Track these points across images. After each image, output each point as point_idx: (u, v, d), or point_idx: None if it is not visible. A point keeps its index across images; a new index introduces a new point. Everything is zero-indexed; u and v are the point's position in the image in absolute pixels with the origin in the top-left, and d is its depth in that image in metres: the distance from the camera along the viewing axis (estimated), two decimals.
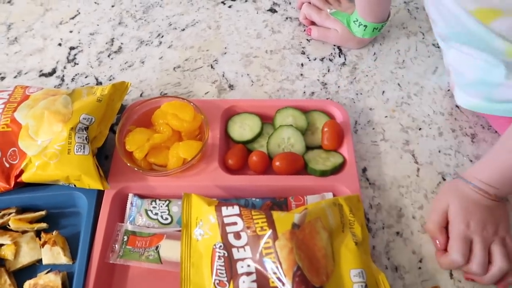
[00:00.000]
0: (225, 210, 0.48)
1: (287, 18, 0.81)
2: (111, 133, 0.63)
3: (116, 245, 0.52)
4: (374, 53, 0.76)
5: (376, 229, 0.56)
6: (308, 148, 0.61)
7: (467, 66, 0.59)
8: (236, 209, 0.48)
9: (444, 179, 0.60)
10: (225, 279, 0.44)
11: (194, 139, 0.60)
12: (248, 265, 0.45)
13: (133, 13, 0.83)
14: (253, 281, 0.44)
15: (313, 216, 0.47)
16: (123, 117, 0.60)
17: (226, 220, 0.47)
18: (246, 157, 0.60)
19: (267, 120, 0.64)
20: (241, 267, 0.45)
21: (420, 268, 0.53)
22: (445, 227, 0.53)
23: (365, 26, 0.71)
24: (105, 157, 0.62)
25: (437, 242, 0.53)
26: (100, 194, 0.55)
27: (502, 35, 0.50)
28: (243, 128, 0.62)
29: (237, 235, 0.46)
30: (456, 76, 0.62)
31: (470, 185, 0.52)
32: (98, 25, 0.81)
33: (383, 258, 0.54)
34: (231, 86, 0.71)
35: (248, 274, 0.44)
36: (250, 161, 0.58)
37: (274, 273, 0.43)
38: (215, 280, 0.44)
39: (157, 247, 0.52)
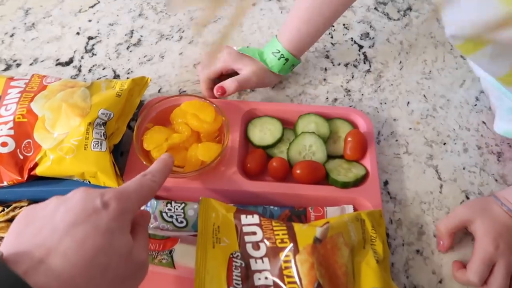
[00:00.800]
0: (244, 219, 0.46)
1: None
2: (128, 129, 0.61)
3: None
4: (400, 62, 0.73)
5: (396, 245, 0.54)
6: (329, 157, 0.59)
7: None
8: (256, 219, 0.46)
9: (467, 198, 0.58)
10: None
11: (213, 140, 0.58)
12: (266, 278, 0.43)
13: (154, 5, 0.81)
14: None
15: (335, 231, 0.46)
16: (141, 114, 0.58)
17: (245, 229, 0.46)
18: (266, 162, 0.58)
19: (287, 125, 0.62)
20: (258, 279, 0.43)
21: None
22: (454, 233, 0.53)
23: (287, 59, 0.63)
24: (120, 154, 0.60)
25: (441, 243, 0.53)
26: None
27: None
28: (264, 132, 0.60)
29: (256, 246, 0.45)
30: (495, 101, 0.61)
31: (504, 208, 0.50)
32: (117, 15, 0.79)
33: (401, 276, 0.52)
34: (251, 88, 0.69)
35: (267, 287, 0.43)
36: (269, 167, 0.57)
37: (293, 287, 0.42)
38: None
39: (170, 251, 0.50)
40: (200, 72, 0.67)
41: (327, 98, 0.68)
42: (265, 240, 0.45)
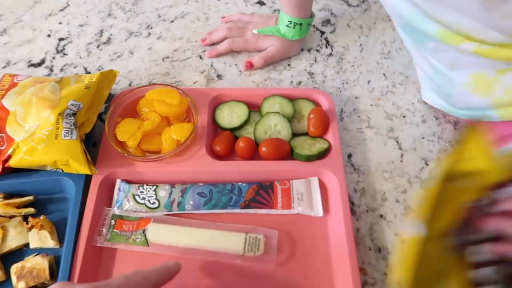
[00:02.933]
0: None
1: (275, 11, 0.82)
2: (99, 122, 0.64)
3: (104, 229, 0.53)
4: (361, 44, 0.77)
5: (361, 212, 0.57)
6: (295, 135, 0.62)
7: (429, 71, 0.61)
8: None
9: (427, 164, 0.61)
10: None
11: (183, 122, 0.61)
12: None
13: (122, 5, 0.84)
14: None
15: None
16: (111, 106, 0.60)
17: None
18: (233, 143, 0.60)
19: (254, 108, 0.65)
20: None
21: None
22: None
23: (300, 24, 0.70)
24: (93, 145, 0.62)
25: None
26: (87, 179, 0.56)
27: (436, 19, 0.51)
28: (231, 116, 0.63)
29: None
30: (422, 76, 0.65)
31: None
32: (87, 16, 0.82)
33: (367, 240, 0.55)
34: (219, 76, 0.72)
35: None
36: (237, 147, 0.59)
37: None
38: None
39: (144, 230, 0.52)
40: (228, 41, 0.74)
41: (291, 82, 0.71)
42: None
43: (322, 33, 0.79)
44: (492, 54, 0.49)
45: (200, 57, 0.74)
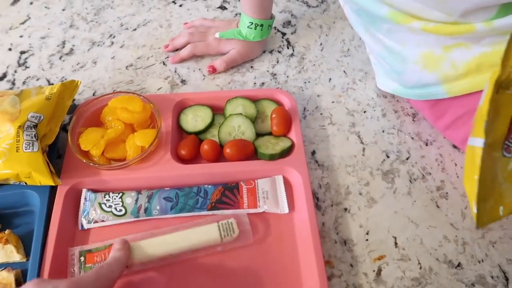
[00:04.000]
0: None
1: (236, 15, 0.84)
2: (63, 133, 0.63)
3: (75, 269, 0.51)
4: (321, 44, 0.79)
5: (326, 207, 0.58)
6: (259, 135, 0.63)
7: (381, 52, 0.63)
8: None
9: (388, 156, 0.63)
10: None
11: (147, 128, 0.61)
12: None
13: (84, 16, 0.84)
14: None
15: None
16: (74, 116, 0.60)
17: None
18: (199, 147, 0.61)
19: (218, 111, 0.66)
20: None
21: (367, 240, 0.55)
22: None
23: (261, 25, 0.72)
24: (57, 157, 0.62)
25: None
26: (53, 191, 0.56)
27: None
28: (195, 119, 0.64)
29: None
30: (375, 61, 0.67)
31: None
32: (49, 28, 0.81)
33: (332, 233, 0.56)
34: (183, 81, 0.72)
35: None
36: (201, 150, 0.60)
37: None
38: (504, 144, 0.39)
39: None
40: (191, 46, 0.75)
41: (254, 83, 0.72)
42: None
43: (283, 34, 0.81)
44: (438, 31, 0.53)
45: (164, 64, 0.75)
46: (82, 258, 0.51)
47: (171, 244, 0.52)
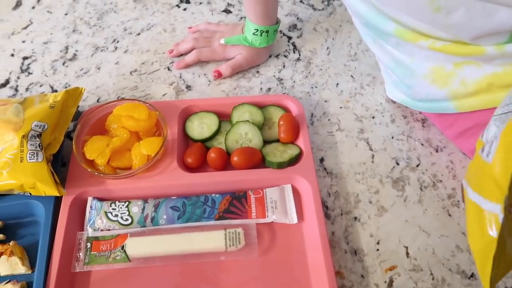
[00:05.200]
0: None
1: (241, 18, 0.83)
2: (68, 140, 0.62)
3: (80, 254, 0.52)
4: (328, 48, 0.78)
5: (335, 215, 0.57)
6: (266, 142, 0.62)
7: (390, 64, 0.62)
8: None
9: (398, 164, 0.62)
10: None
11: (153, 136, 0.60)
12: None
13: (87, 20, 0.83)
14: None
15: None
16: (79, 124, 0.59)
17: None
18: (205, 155, 0.60)
19: (225, 118, 0.65)
20: None
21: (378, 250, 0.54)
22: None
23: (267, 31, 0.70)
24: (62, 165, 0.61)
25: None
26: (57, 201, 0.55)
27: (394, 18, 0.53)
28: (201, 127, 0.63)
29: None
30: (384, 70, 0.66)
31: None
32: (51, 33, 0.80)
33: (342, 243, 0.55)
34: (188, 87, 0.71)
35: None
36: (208, 158, 0.59)
37: None
38: None
39: (123, 247, 0.52)
40: (196, 52, 0.74)
41: (261, 89, 0.71)
42: None
43: (289, 38, 0.80)
44: (446, 50, 0.51)
45: (169, 69, 0.74)
46: (89, 244, 0.52)
47: (175, 245, 0.52)
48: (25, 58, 0.76)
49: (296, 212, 0.55)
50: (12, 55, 0.77)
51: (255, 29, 0.70)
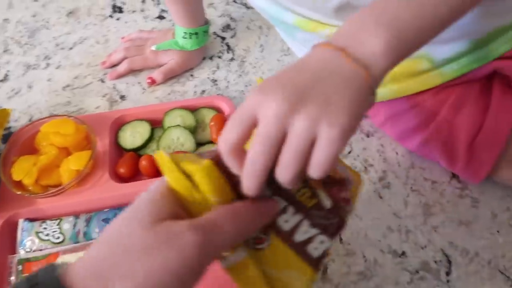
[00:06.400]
0: None
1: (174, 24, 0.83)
2: None
3: (13, 277, 0.51)
4: (261, 45, 0.79)
5: None
6: (200, 144, 0.62)
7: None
8: None
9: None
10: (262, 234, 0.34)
11: (84, 150, 0.60)
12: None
13: (18, 39, 0.81)
14: (294, 213, 0.34)
15: None
16: (7, 145, 0.58)
17: None
18: (138, 163, 0.60)
19: (158, 124, 0.65)
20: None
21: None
22: None
23: (196, 33, 0.71)
24: None
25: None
26: None
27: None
28: (133, 136, 0.63)
29: None
30: None
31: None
32: None
33: None
34: (122, 97, 0.71)
35: (283, 211, 0.34)
36: (140, 167, 0.59)
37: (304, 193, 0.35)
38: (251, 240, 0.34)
39: None
40: (128, 61, 0.73)
41: (195, 92, 0.71)
42: None
43: (223, 38, 0.80)
44: None
45: (102, 81, 0.74)
46: (20, 267, 0.51)
47: None
48: None
49: None
50: None
51: (184, 32, 0.70)
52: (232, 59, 0.76)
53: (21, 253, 0.53)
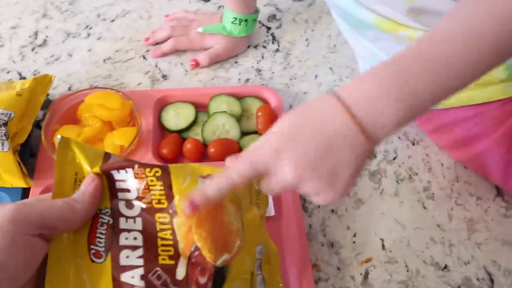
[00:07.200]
0: (117, 174, 0.38)
1: (219, 7, 0.81)
2: (37, 130, 0.60)
3: None
4: (307, 39, 0.77)
5: (312, 208, 0.57)
6: (244, 133, 0.61)
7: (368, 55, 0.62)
8: (130, 174, 0.38)
9: (375, 156, 0.62)
10: (102, 249, 0.36)
11: (126, 126, 0.58)
12: (135, 238, 0.37)
13: (58, 5, 0.79)
14: (139, 256, 0.36)
15: None
16: (48, 113, 0.57)
17: (117, 185, 0.38)
18: (181, 146, 0.59)
19: (202, 108, 0.63)
20: (125, 239, 0.37)
21: (354, 242, 0.54)
22: None
23: (245, 20, 0.69)
24: (31, 155, 0.58)
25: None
26: (25, 193, 0.52)
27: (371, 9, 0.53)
28: (177, 117, 0.61)
29: (130, 205, 0.38)
30: (362, 64, 0.66)
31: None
32: (20, 18, 0.77)
33: (319, 236, 0.55)
34: (164, 76, 0.69)
35: (134, 248, 0.37)
36: (184, 149, 0.58)
37: (168, 250, 0.37)
38: (91, 249, 0.36)
39: None
40: (173, 40, 0.71)
41: (239, 80, 0.70)
42: (140, 199, 0.38)
43: (268, 28, 0.78)
44: None
45: (144, 57, 0.72)
46: None
47: None
48: None
49: (274, 204, 0.55)
50: None
51: (233, 18, 0.69)
52: (277, 50, 0.75)
53: None
